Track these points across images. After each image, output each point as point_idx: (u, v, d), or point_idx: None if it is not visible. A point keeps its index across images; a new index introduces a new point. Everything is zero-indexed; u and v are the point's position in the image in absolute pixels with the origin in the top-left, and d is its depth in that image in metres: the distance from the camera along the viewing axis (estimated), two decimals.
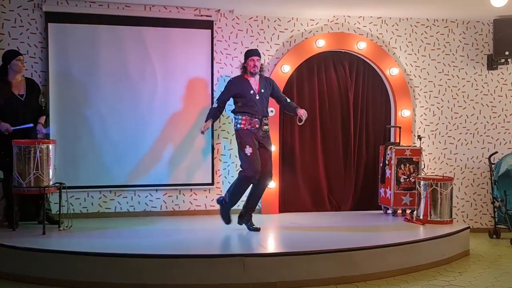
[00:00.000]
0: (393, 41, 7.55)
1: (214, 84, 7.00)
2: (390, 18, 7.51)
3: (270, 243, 5.85)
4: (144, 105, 6.81)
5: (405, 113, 7.45)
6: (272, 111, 6.79)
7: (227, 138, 7.12)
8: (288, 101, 6.23)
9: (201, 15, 6.94)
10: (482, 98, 7.78)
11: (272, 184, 6.70)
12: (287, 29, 7.28)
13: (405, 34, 7.57)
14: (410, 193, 6.93)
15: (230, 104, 6.18)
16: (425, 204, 6.56)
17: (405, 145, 7.25)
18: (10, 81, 5.93)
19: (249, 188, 6.07)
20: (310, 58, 7.26)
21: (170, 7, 6.88)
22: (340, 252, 5.24)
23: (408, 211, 6.99)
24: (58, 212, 5.97)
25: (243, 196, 6.12)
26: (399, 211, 7.07)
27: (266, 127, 6.06)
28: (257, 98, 5.99)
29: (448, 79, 7.70)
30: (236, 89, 6.02)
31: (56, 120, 6.52)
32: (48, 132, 5.95)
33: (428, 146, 7.61)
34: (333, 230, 6.27)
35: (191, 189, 7.02)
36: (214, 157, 7.04)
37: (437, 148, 7.69)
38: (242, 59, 6.18)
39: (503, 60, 7.60)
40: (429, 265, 5.69)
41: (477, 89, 7.77)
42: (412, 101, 7.55)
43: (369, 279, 5.23)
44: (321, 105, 7.36)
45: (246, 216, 6.10)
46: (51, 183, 5.78)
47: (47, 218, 5.90)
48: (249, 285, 4.91)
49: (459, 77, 7.73)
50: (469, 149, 7.77)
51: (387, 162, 7.10)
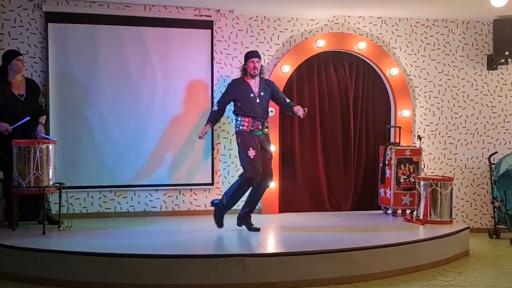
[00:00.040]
0: (393, 41, 7.55)
1: (214, 85, 7.00)
2: (390, 18, 7.51)
3: (270, 243, 5.85)
4: (144, 105, 6.81)
5: (405, 113, 7.45)
6: (272, 111, 6.77)
7: (227, 138, 7.11)
8: (288, 101, 6.20)
9: (201, 15, 6.94)
10: (482, 98, 7.78)
11: (272, 184, 6.68)
12: (287, 29, 7.28)
13: (405, 34, 7.57)
14: (410, 193, 6.93)
15: (230, 105, 6.17)
16: (425, 204, 6.56)
17: (405, 145, 7.25)
18: (10, 81, 5.93)
19: (249, 190, 6.05)
20: (310, 58, 7.25)
21: (170, 7, 6.88)
22: (340, 252, 5.24)
23: (408, 211, 6.99)
24: (58, 212, 5.97)
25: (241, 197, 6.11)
26: (399, 211, 7.07)
27: (266, 129, 6.05)
28: (258, 101, 5.96)
29: (448, 79, 7.70)
30: (236, 92, 6.00)
31: (56, 120, 6.53)
32: (48, 137, 5.93)
33: (428, 146, 7.60)
34: (333, 230, 6.27)
35: (191, 189, 7.02)
36: (214, 157, 7.04)
37: (437, 148, 7.69)
38: (242, 59, 6.18)
39: (503, 60, 7.60)
40: (429, 265, 5.69)
41: (477, 89, 7.77)
42: (412, 101, 7.55)
43: (369, 279, 5.23)
44: (321, 105, 7.36)
45: (246, 217, 6.09)
46: (51, 183, 5.78)
47: (47, 218, 5.90)
48: (249, 285, 4.91)
49: (459, 77, 7.73)
50: (469, 149, 7.77)
51: (387, 162, 7.10)
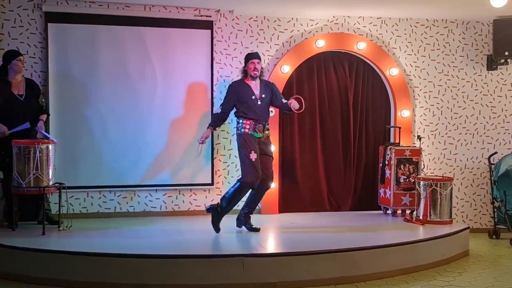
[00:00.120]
0: (393, 41, 7.55)
1: (214, 85, 7.00)
2: (390, 18, 7.51)
3: (270, 243, 5.85)
4: (144, 105, 6.81)
5: (405, 113, 7.45)
6: (272, 111, 6.76)
7: (226, 139, 7.11)
8: (284, 101, 6.12)
9: (201, 15, 6.94)
10: (481, 99, 7.78)
11: (272, 185, 6.68)
12: (287, 29, 7.28)
13: (405, 34, 7.57)
14: (409, 193, 6.93)
15: None
16: (425, 204, 6.56)
17: (404, 145, 7.25)
18: (10, 81, 5.92)
19: (249, 191, 6.03)
20: (310, 59, 7.25)
21: (170, 7, 6.88)
22: (340, 252, 5.24)
23: (408, 212, 6.99)
24: (57, 212, 5.97)
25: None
26: (399, 211, 7.07)
27: (267, 131, 6.04)
28: (259, 103, 5.94)
29: (448, 79, 7.70)
30: (237, 95, 5.96)
31: (56, 120, 6.52)
32: (48, 136, 5.93)
33: (428, 146, 7.60)
34: (333, 230, 6.27)
35: (190, 189, 7.02)
36: (214, 157, 7.04)
37: (436, 148, 7.69)
38: (242, 59, 6.17)
39: (502, 61, 7.59)
40: (429, 265, 5.69)
41: (477, 89, 7.77)
42: (412, 101, 7.55)
43: (369, 279, 5.23)
44: (321, 105, 7.36)
45: (245, 218, 6.08)
46: (50, 183, 5.77)
47: (47, 218, 5.90)
48: (249, 285, 4.91)
49: (458, 78, 7.73)
50: (468, 149, 7.77)
51: (386, 163, 7.10)
